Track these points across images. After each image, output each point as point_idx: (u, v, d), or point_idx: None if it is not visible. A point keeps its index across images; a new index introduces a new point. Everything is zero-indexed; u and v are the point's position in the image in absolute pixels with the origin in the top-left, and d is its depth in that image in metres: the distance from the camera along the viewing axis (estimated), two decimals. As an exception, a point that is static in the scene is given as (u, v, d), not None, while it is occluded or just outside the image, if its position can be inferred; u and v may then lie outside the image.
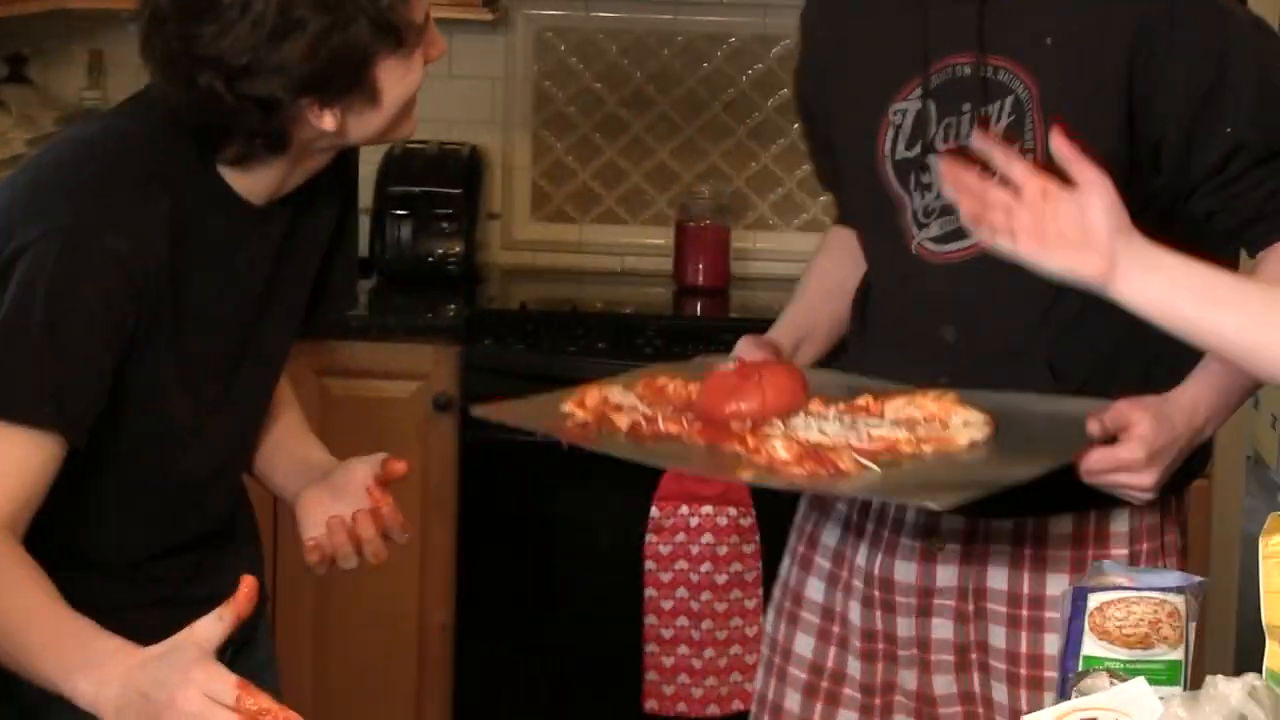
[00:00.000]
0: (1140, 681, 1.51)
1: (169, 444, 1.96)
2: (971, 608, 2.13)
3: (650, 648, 3.49)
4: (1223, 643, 3.94)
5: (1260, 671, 1.51)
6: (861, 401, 2.03)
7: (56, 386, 1.79)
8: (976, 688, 2.13)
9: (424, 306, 3.81)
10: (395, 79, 1.87)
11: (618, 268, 4.18)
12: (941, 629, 2.15)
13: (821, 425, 1.96)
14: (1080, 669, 1.66)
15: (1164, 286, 1.71)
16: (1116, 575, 1.73)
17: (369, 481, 2.05)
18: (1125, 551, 2.11)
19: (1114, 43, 2.00)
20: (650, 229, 4.17)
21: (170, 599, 2.02)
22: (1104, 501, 2.05)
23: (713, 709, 3.51)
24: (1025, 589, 2.12)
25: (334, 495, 2.06)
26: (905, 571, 2.15)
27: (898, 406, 2.00)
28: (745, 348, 2.19)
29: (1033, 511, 2.09)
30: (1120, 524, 2.13)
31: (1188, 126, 2.01)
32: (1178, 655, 1.67)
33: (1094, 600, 1.67)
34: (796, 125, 4.15)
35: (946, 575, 2.14)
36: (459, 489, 3.58)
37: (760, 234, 4.18)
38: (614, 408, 2.06)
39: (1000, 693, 2.12)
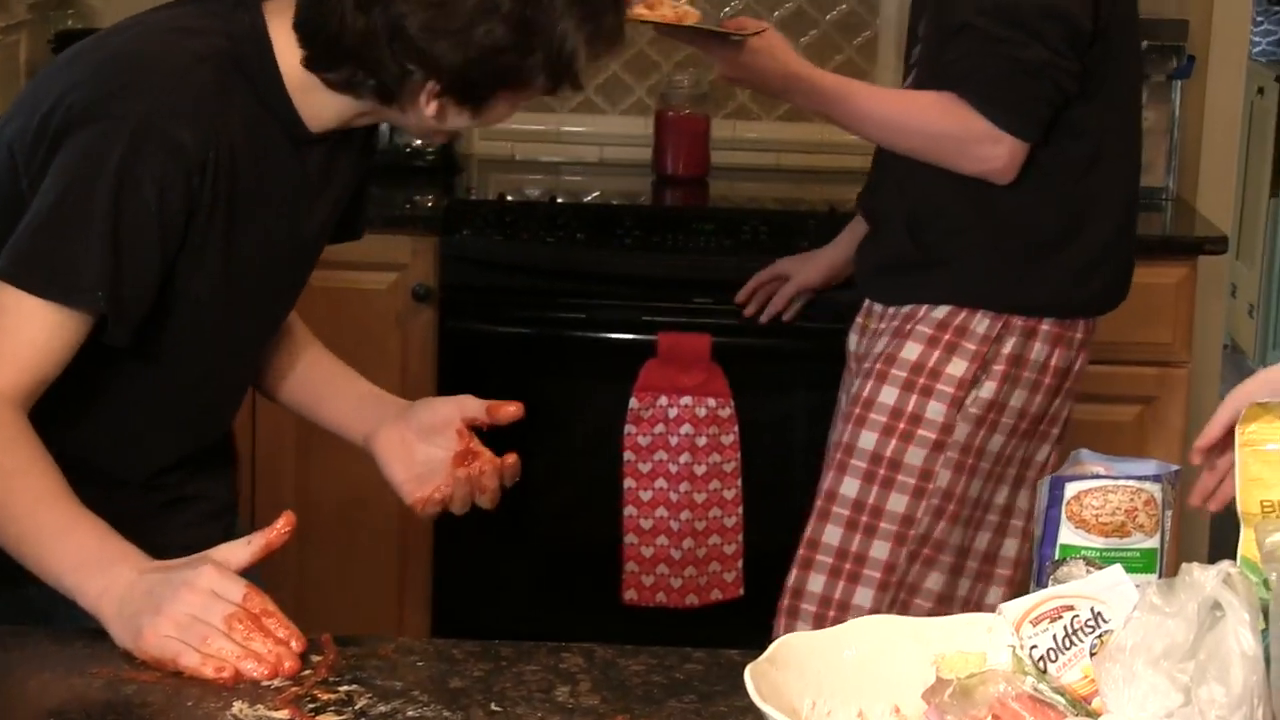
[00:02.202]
0: (1117, 569, 1.52)
1: (204, 351, 1.95)
2: None
3: (629, 539, 3.50)
4: (1198, 530, 3.97)
5: (1235, 559, 1.52)
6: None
7: (110, 274, 1.77)
8: None
9: (402, 197, 3.79)
10: (504, 108, 1.89)
11: (596, 157, 4.16)
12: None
13: None
14: (1057, 557, 1.66)
15: None
16: (1094, 464, 1.74)
17: (458, 422, 2.03)
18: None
19: None
20: (629, 118, 4.15)
21: (170, 503, 2.03)
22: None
23: (691, 599, 3.53)
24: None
25: (421, 436, 2.03)
26: None
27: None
28: None
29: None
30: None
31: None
32: (1154, 543, 1.67)
33: (1071, 489, 1.67)
34: (776, 12, 4.13)
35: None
36: (437, 380, 3.58)
37: (740, 123, 4.16)
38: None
39: None
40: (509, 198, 3.72)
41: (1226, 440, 1.85)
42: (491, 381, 3.61)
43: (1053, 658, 1.47)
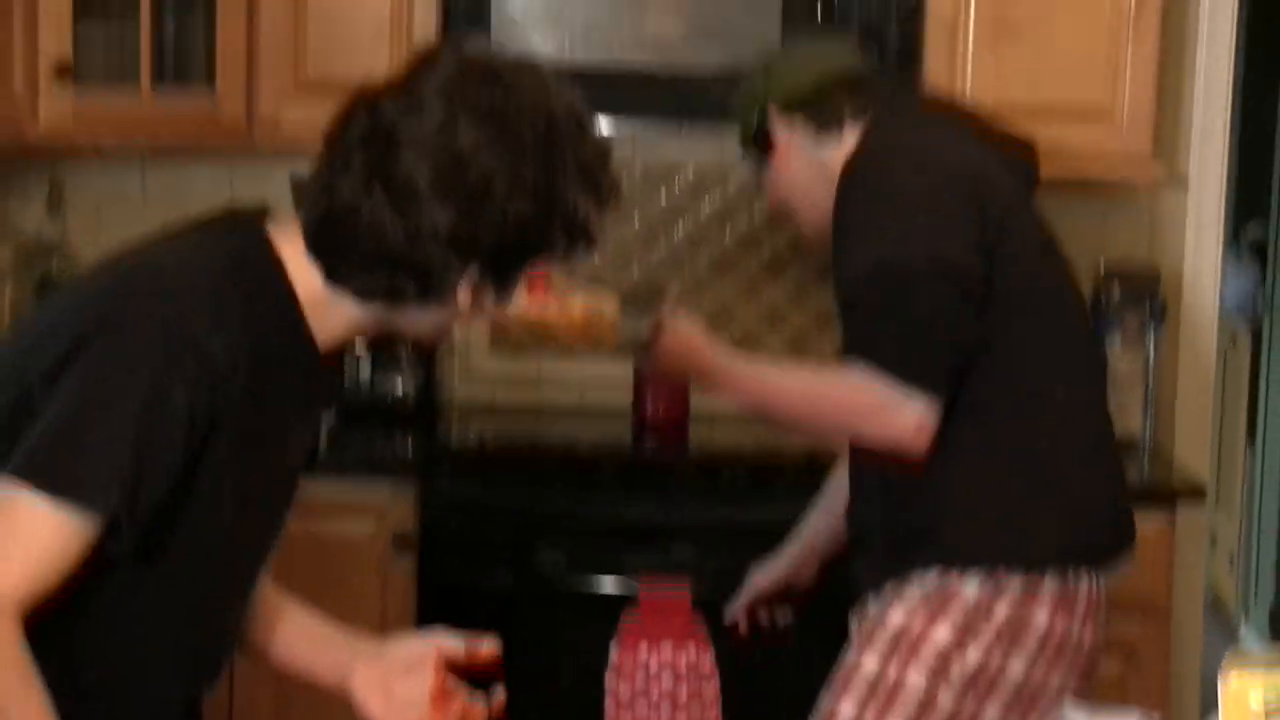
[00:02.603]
0: (1103, 828, 1.50)
1: (205, 573, 1.93)
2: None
3: (611, 805, 3.43)
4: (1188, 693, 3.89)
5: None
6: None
7: (131, 476, 1.77)
8: None
9: (382, 443, 3.79)
10: (522, 283, 1.93)
11: (576, 402, 4.17)
12: None
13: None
14: (1043, 814, 1.65)
15: None
16: (1078, 718, 1.73)
17: (433, 658, 2.07)
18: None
19: None
20: (609, 363, 4.16)
21: None
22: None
23: None
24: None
25: (398, 673, 2.07)
26: None
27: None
28: None
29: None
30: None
31: None
32: (1140, 800, 1.66)
33: (1055, 744, 1.66)
34: (753, 260, 4.17)
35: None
36: (418, 628, 3.55)
37: (720, 368, 4.17)
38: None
39: None
40: (489, 443, 3.73)
41: None
42: (472, 631, 3.58)
43: None
